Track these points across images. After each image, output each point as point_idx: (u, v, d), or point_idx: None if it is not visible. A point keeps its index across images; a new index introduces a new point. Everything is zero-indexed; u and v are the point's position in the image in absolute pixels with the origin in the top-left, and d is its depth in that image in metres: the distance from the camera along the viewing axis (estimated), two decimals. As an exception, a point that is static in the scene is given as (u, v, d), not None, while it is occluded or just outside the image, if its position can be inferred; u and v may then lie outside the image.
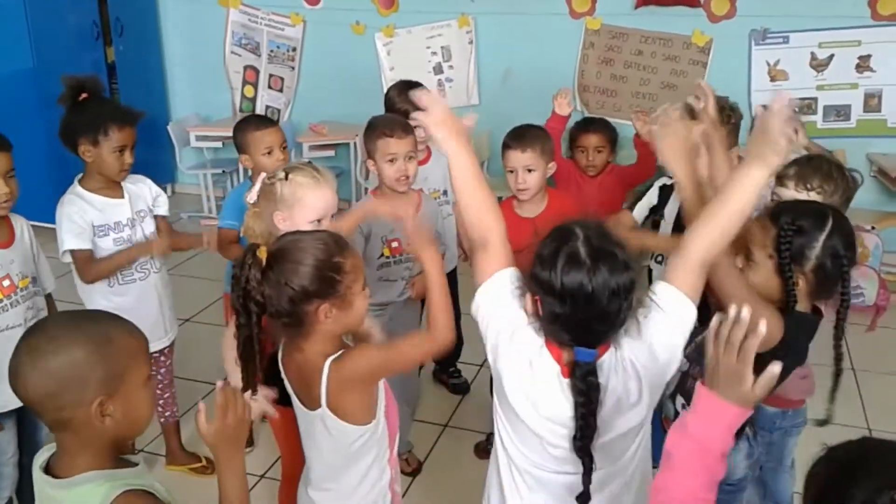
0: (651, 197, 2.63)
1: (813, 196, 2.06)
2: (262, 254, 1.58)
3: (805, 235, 1.68)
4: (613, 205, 2.98)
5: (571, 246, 1.37)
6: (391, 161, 2.58)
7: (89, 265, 2.54)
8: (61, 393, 1.24)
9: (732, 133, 2.40)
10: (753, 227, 1.84)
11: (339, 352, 1.65)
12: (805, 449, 2.24)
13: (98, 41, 5.50)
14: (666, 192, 2.59)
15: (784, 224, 1.68)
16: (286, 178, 2.09)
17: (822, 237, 1.68)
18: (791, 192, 2.10)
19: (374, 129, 2.63)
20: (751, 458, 1.90)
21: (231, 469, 1.40)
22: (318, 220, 2.09)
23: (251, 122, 2.94)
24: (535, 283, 1.41)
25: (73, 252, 2.52)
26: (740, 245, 1.73)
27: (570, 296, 1.35)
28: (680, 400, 1.93)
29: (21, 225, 2.41)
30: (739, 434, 1.87)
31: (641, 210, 2.63)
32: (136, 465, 1.36)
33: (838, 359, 1.76)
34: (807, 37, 4.77)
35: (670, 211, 2.55)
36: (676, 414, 1.91)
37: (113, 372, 1.27)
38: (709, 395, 1.21)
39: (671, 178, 2.54)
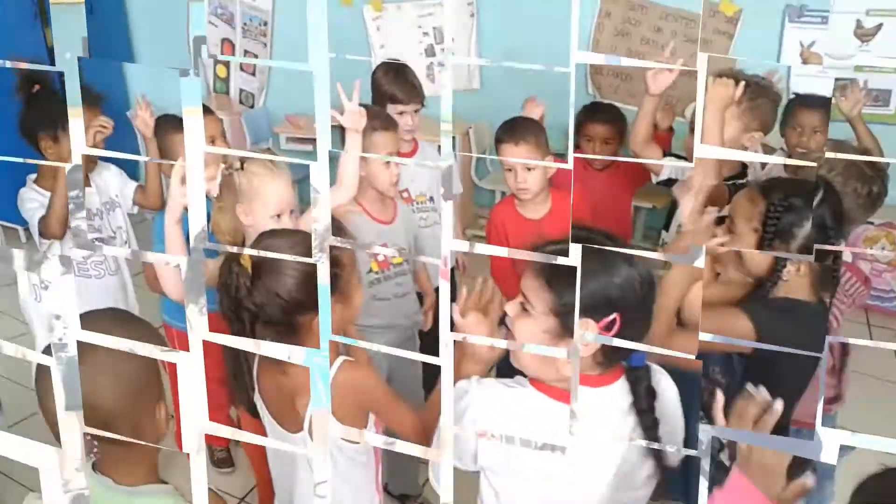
0: None
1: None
2: (247, 262, 1.53)
3: (794, 213, 1.69)
4: (621, 203, 2.89)
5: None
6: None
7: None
8: None
9: (749, 113, 2.32)
10: (740, 200, 1.86)
11: (350, 358, 1.61)
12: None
13: (36, 21, 4.85)
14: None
15: (775, 200, 1.71)
16: (241, 167, 2.03)
17: (811, 214, 1.69)
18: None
19: None
20: None
21: None
22: (279, 216, 2.02)
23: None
24: (616, 302, 1.26)
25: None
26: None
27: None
28: None
29: None
30: None
31: None
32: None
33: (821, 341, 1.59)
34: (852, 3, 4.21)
35: None
36: None
37: None
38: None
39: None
